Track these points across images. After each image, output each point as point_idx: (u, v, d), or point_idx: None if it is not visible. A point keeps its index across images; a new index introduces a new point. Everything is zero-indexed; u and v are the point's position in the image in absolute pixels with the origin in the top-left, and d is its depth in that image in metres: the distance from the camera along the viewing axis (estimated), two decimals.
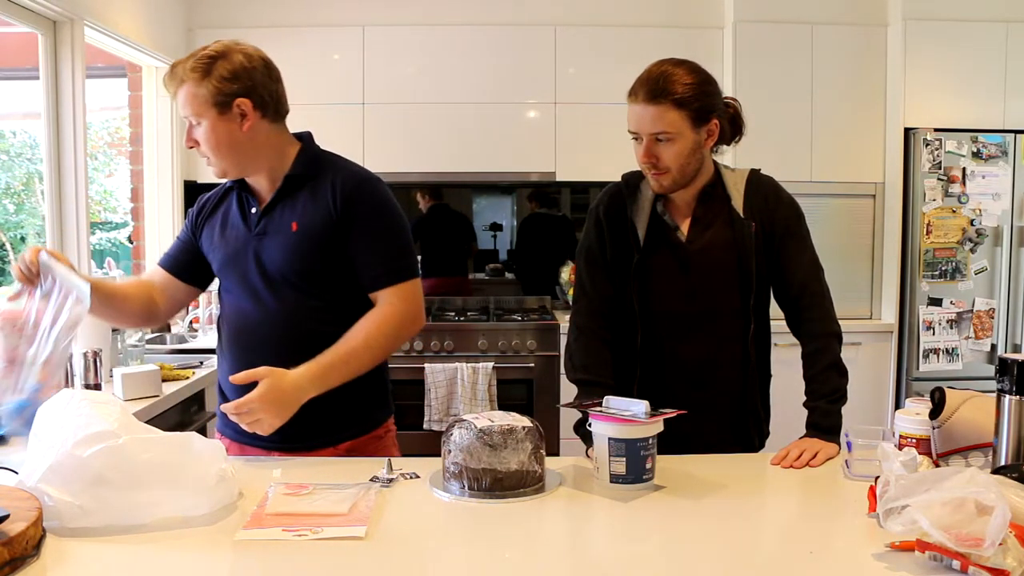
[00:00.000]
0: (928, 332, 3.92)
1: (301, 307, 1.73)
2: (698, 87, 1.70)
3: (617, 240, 1.83)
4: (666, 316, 1.82)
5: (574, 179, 4.27)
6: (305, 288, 1.73)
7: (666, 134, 1.69)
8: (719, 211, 1.81)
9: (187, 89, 1.67)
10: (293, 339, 1.72)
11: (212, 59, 1.67)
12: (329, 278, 1.74)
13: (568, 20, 4.23)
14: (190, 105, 1.68)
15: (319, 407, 1.66)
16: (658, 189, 1.78)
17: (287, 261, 1.72)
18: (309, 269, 1.73)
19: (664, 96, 1.67)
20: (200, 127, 1.69)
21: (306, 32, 4.19)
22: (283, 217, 1.74)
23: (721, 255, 1.80)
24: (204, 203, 1.87)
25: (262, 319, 1.75)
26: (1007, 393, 1.37)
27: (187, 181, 4.20)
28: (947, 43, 3.94)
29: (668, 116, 1.68)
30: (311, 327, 1.73)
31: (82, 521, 1.25)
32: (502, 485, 1.44)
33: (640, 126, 1.72)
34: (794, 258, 1.81)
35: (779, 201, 1.83)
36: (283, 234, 1.73)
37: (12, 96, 4.43)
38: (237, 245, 1.77)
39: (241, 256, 1.76)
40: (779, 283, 1.84)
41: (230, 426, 1.72)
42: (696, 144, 1.73)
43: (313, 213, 1.72)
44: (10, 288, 1.69)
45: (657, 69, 1.70)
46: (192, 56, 1.68)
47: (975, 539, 1.07)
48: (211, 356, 3.05)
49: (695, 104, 1.69)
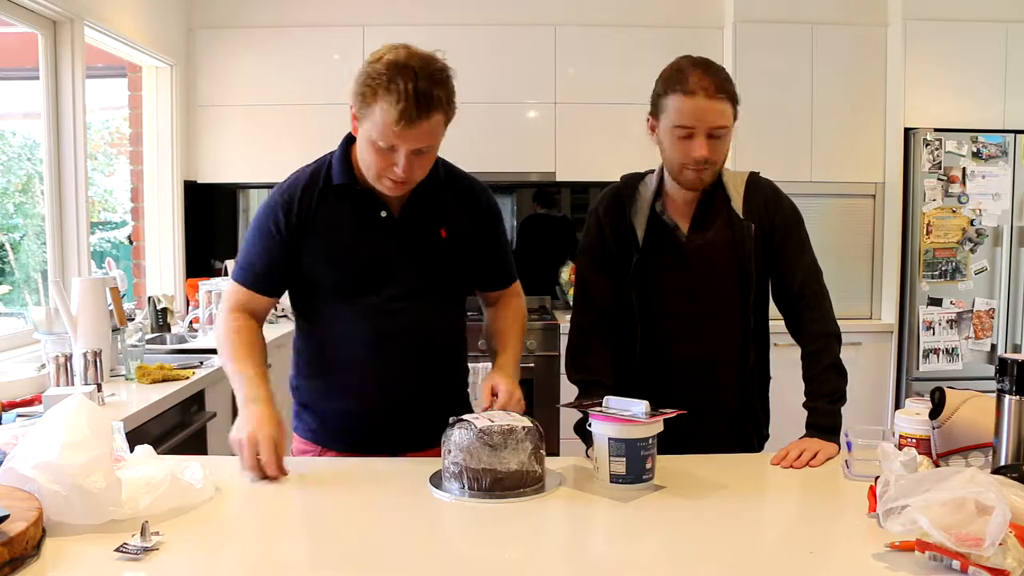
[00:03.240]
0: (928, 332, 3.92)
1: (438, 310, 1.75)
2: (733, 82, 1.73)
3: (617, 240, 1.84)
4: (666, 316, 1.82)
5: (574, 179, 4.27)
6: (444, 291, 1.75)
7: (723, 129, 1.70)
8: (719, 212, 1.81)
9: (439, 118, 1.56)
10: (433, 342, 1.74)
11: (448, 77, 1.58)
12: (464, 280, 1.80)
13: (568, 20, 4.24)
14: (435, 135, 1.57)
15: (432, 407, 1.69)
16: (698, 185, 1.77)
17: (438, 266, 1.73)
18: (455, 272, 1.76)
19: (725, 91, 1.69)
20: (423, 155, 1.59)
21: (306, 32, 4.19)
22: (428, 222, 1.72)
23: (721, 255, 1.80)
24: (294, 211, 1.68)
25: (404, 327, 1.70)
26: (1007, 393, 1.37)
27: (187, 181, 4.20)
28: (947, 43, 3.94)
29: (727, 111, 1.70)
30: (443, 328, 1.77)
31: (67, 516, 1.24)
32: (502, 485, 1.44)
33: (703, 120, 1.69)
34: (793, 260, 1.82)
35: (779, 203, 1.83)
36: (431, 241, 1.72)
37: (12, 96, 4.43)
38: (375, 252, 1.69)
39: (381, 263, 1.69)
40: (778, 284, 1.84)
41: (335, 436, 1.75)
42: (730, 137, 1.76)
43: (460, 219, 1.75)
44: None
45: (706, 65, 1.71)
46: (435, 78, 1.54)
47: (975, 539, 1.07)
48: (211, 356, 3.05)
49: (737, 100, 1.72)
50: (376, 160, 1.58)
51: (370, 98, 1.53)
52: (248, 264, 1.73)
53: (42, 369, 2.44)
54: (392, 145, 1.54)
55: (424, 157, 1.60)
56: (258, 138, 4.20)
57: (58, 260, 3.18)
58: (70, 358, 2.34)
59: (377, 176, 1.61)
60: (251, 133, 4.21)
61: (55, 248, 3.17)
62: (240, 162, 4.24)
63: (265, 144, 4.18)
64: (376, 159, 1.58)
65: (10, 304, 4.06)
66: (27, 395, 2.23)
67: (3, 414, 2.06)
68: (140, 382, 2.54)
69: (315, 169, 1.74)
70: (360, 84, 1.56)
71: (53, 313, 2.59)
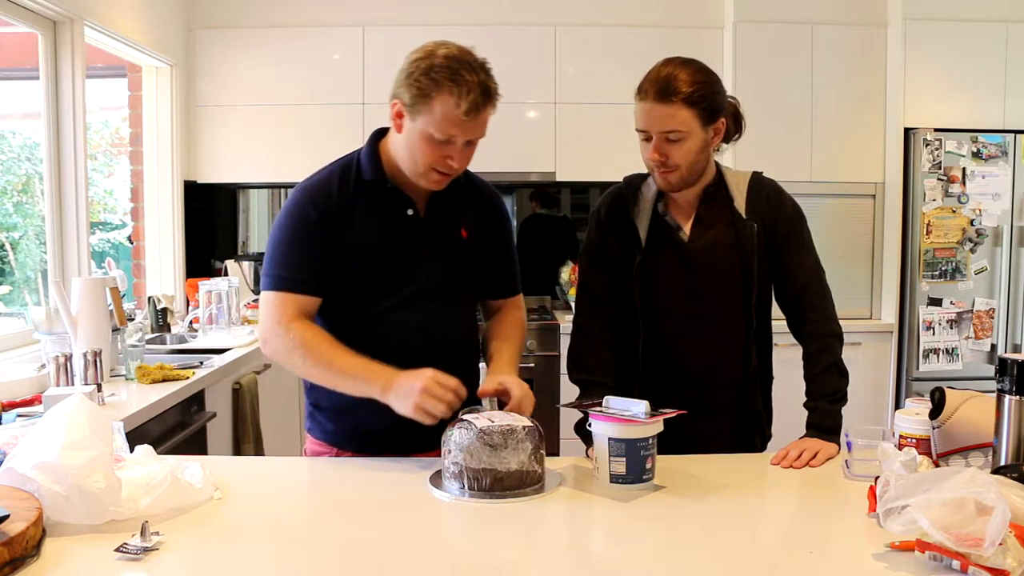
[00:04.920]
0: (928, 332, 3.92)
1: (455, 310, 1.76)
2: (707, 86, 1.70)
3: (619, 240, 1.84)
4: (668, 316, 1.82)
5: (574, 179, 4.27)
6: (461, 291, 1.77)
7: (677, 133, 1.69)
8: (721, 211, 1.81)
9: (492, 109, 1.62)
10: (451, 341, 1.74)
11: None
12: (477, 283, 1.82)
13: (568, 20, 4.24)
14: (487, 125, 1.64)
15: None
16: (665, 187, 1.78)
17: (459, 266, 1.75)
18: (474, 273, 1.79)
19: (674, 95, 1.67)
20: (473, 145, 1.65)
21: (306, 32, 4.19)
22: (451, 222, 1.74)
23: (723, 255, 1.80)
24: (330, 208, 1.66)
25: (423, 326, 1.70)
26: (1007, 393, 1.37)
27: (187, 181, 4.20)
28: (947, 43, 3.94)
29: (679, 115, 1.67)
30: (460, 327, 1.77)
31: (67, 516, 1.24)
32: (502, 485, 1.44)
33: (650, 124, 1.71)
34: (796, 260, 1.82)
35: (781, 203, 1.83)
36: (454, 240, 1.74)
37: (12, 96, 4.43)
38: (403, 250, 1.70)
39: (407, 261, 1.70)
40: (781, 285, 1.84)
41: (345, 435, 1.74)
42: (704, 142, 1.73)
43: (478, 221, 1.78)
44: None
45: (666, 68, 1.70)
46: (489, 71, 1.60)
47: (975, 539, 1.07)
48: (211, 356, 3.05)
49: (704, 103, 1.69)
50: (429, 152, 1.60)
51: (431, 91, 1.55)
52: (290, 269, 1.66)
53: (42, 369, 2.44)
54: (450, 137, 1.58)
55: (472, 148, 1.65)
56: (258, 138, 4.19)
57: (58, 260, 3.18)
58: (70, 358, 2.34)
59: (426, 170, 1.63)
60: (251, 133, 4.21)
61: (55, 248, 3.17)
62: (240, 162, 4.24)
63: (265, 144, 4.18)
64: (429, 151, 1.60)
65: (10, 304, 4.06)
66: (27, 395, 2.24)
67: (3, 414, 2.06)
68: (140, 382, 2.54)
69: (344, 165, 1.73)
70: (415, 79, 1.57)
71: (53, 313, 2.59)
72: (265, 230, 4.63)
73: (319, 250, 1.66)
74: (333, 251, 1.66)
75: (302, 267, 1.66)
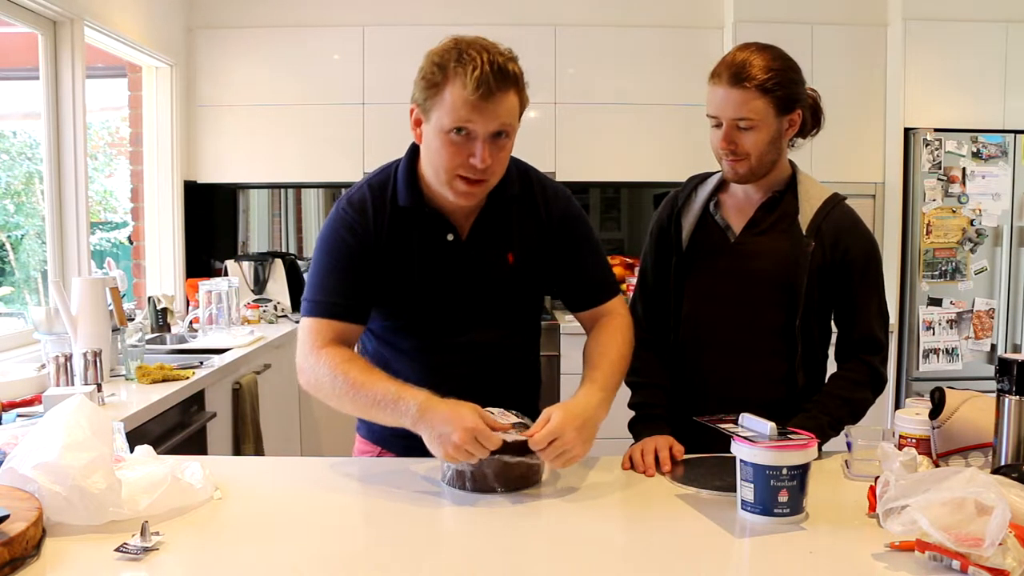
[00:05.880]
0: (928, 332, 3.92)
1: (501, 339, 1.64)
2: (783, 74, 1.63)
3: (660, 242, 1.81)
4: (699, 320, 1.75)
5: (574, 179, 4.26)
6: (507, 319, 1.64)
7: (748, 121, 1.62)
8: (780, 220, 1.72)
9: (514, 98, 1.47)
10: (495, 372, 1.63)
11: (517, 58, 1.51)
12: (533, 305, 1.71)
13: (568, 20, 4.23)
14: (512, 115, 1.47)
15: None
16: (732, 177, 1.70)
17: (502, 295, 1.62)
18: (522, 300, 1.66)
19: (748, 81, 1.60)
20: (500, 141, 1.48)
21: (306, 32, 4.19)
22: (496, 246, 1.60)
23: (768, 265, 1.70)
24: (366, 233, 1.56)
25: (464, 358, 1.61)
26: (1007, 393, 1.37)
27: (187, 181, 4.20)
28: (947, 43, 3.94)
29: (752, 103, 1.61)
30: (506, 356, 1.66)
31: (67, 516, 1.24)
32: (502, 485, 1.44)
33: (721, 111, 1.64)
34: (861, 307, 1.70)
35: (855, 234, 1.70)
36: (498, 267, 1.60)
37: (12, 96, 4.43)
38: (438, 281, 1.58)
39: (443, 292, 1.59)
40: (841, 325, 1.74)
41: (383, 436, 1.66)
42: (777, 133, 1.66)
43: (528, 239, 1.62)
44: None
45: (742, 53, 1.63)
46: (506, 55, 1.46)
47: (975, 539, 1.07)
48: (211, 356, 3.05)
49: (779, 92, 1.62)
50: (449, 154, 1.45)
51: (440, 79, 1.43)
52: (326, 293, 1.55)
53: (42, 369, 2.44)
54: (468, 129, 1.43)
55: (502, 148, 1.48)
56: (258, 138, 4.19)
57: (58, 260, 3.18)
58: (70, 358, 2.34)
59: (450, 177, 1.47)
60: (251, 133, 4.21)
61: (55, 248, 3.17)
62: (240, 162, 4.24)
63: (265, 144, 4.18)
64: (449, 153, 1.45)
65: (10, 304, 4.06)
66: (27, 395, 2.23)
67: (3, 414, 2.06)
68: (140, 382, 2.54)
69: (381, 184, 1.61)
70: (426, 72, 1.46)
71: (53, 313, 2.59)
72: (265, 230, 4.63)
73: (357, 275, 1.55)
74: (373, 276, 1.56)
75: (339, 292, 1.55)
